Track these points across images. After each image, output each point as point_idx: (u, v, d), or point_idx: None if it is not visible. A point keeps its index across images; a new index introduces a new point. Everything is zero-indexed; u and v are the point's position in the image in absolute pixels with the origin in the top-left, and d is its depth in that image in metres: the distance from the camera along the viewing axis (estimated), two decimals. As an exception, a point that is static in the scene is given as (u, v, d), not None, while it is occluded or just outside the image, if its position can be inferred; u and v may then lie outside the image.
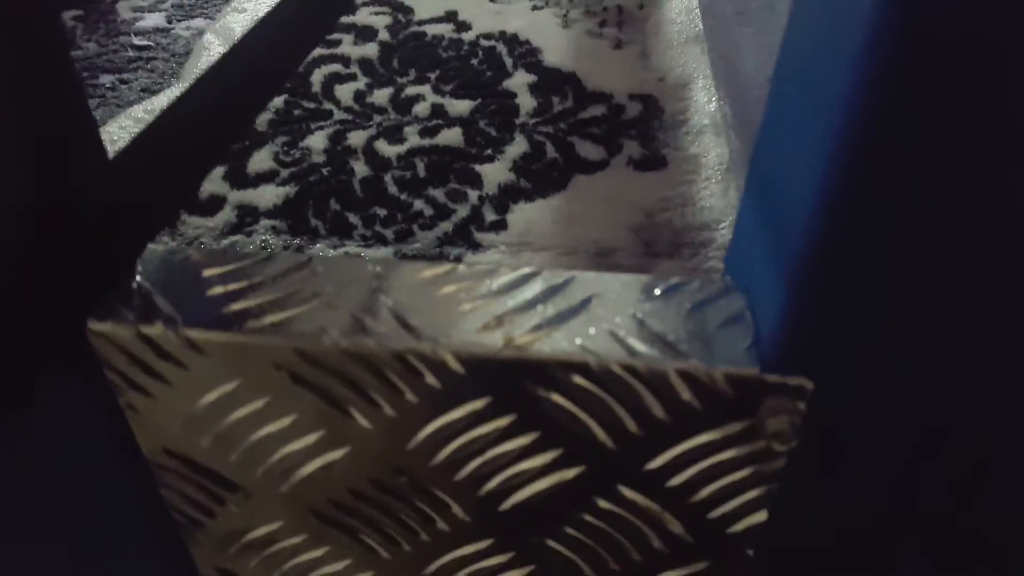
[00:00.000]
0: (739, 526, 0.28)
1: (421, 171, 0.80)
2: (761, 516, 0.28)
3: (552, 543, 0.30)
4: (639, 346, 0.25)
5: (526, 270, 0.28)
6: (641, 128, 0.85)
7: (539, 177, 0.79)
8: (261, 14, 1.12)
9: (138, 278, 0.28)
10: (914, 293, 0.22)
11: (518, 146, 0.83)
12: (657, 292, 0.27)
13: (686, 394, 0.25)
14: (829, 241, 0.21)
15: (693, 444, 0.26)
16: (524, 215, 0.74)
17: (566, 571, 0.31)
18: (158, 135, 0.29)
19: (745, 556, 0.29)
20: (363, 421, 0.28)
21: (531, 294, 0.27)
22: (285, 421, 0.28)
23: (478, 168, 0.80)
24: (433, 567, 0.32)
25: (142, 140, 0.28)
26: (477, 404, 0.26)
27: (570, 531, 0.30)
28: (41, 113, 0.23)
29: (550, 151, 0.82)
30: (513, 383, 0.26)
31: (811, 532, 0.29)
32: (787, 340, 0.24)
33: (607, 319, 0.26)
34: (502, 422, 0.27)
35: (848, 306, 0.23)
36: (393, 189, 0.77)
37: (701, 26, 1.01)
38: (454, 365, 0.25)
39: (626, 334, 0.25)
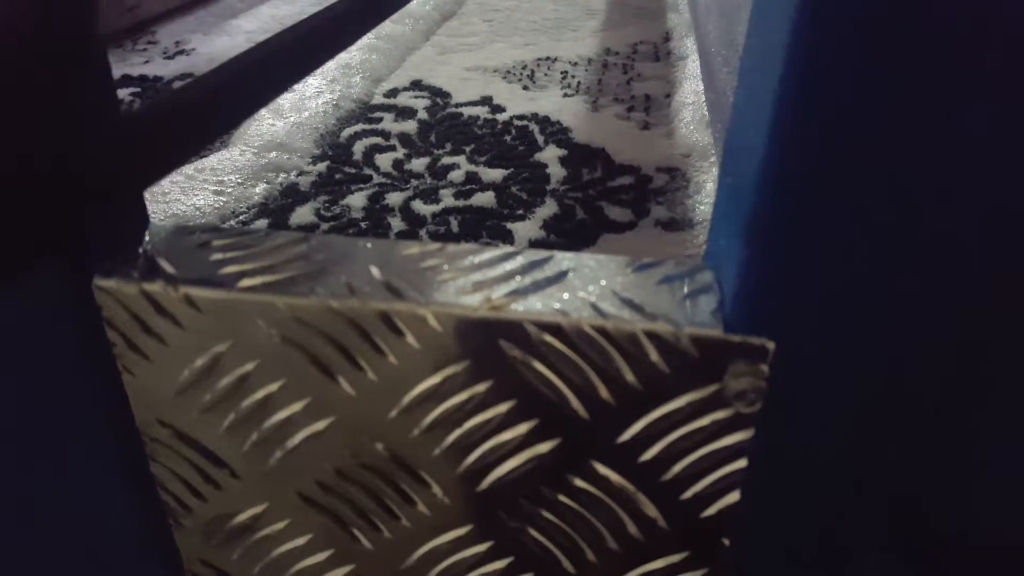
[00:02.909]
0: (712, 509, 0.28)
1: (455, 227, 0.83)
2: (734, 497, 0.28)
3: (530, 530, 0.30)
4: (609, 309, 0.26)
5: (508, 249, 0.29)
6: (668, 195, 0.87)
7: (569, 234, 0.81)
8: (308, 93, 1.18)
9: (145, 246, 0.30)
10: (863, 251, 0.23)
11: (549, 208, 0.86)
12: (630, 269, 0.28)
13: (654, 355, 0.25)
14: (779, 191, 0.22)
15: (663, 412, 0.26)
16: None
17: (544, 563, 0.31)
18: (175, 102, 0.31)
19: (722, 546, 0.29)
20: (347, 387, 0.29)
21: (511, 267, 0.28)
22: (273, 386, 0.29)
23: (510, 226, 0.83)
24: (413, 559, 0.32)
25: (157, 104, 0.31)
26: (456, 368, 0.27)
27: (546, 515, 0.30)
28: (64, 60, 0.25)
29: (580, 213, 0.85)
30: (490, 344, 0.27)
31: (785, 519, 0.29)
32: (748, 301, 0.24)
33: (581, 288, 0.27)
34: (480, 388, 0.28)
35: (803, 264, 0.23)
36: (427, 241, 0.81)
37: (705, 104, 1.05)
38: (434, 324, 0.27)
39: (598, 300, 0.26)
